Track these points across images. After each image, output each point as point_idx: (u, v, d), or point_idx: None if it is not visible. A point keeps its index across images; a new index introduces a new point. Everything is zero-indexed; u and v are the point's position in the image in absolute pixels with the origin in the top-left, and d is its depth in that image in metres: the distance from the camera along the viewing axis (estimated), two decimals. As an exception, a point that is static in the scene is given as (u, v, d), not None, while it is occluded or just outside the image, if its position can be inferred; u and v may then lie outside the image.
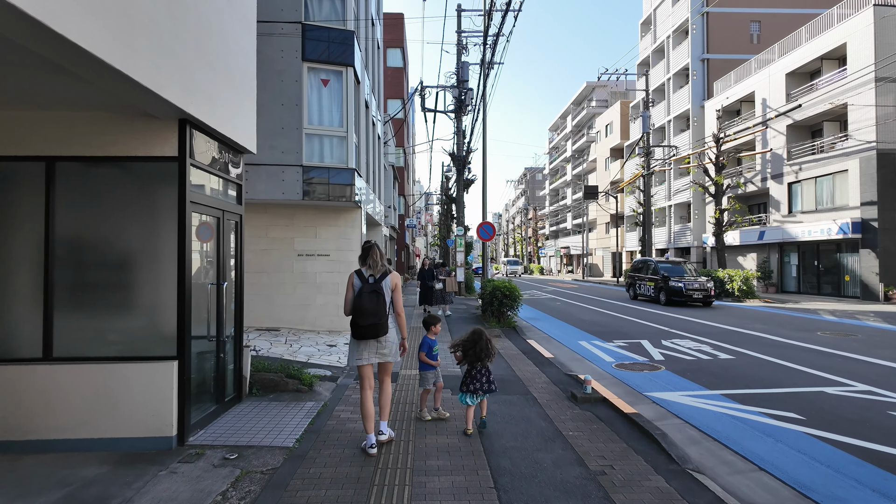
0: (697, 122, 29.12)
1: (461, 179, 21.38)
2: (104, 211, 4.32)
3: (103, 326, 4.24)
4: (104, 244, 4.33)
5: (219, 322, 5.00)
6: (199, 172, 4.64)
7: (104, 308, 4.26)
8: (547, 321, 13.06)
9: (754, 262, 24.00)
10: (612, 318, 13.46)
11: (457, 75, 20.62)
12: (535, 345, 9.28)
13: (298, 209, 10.05)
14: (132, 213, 4.33)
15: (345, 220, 10.32)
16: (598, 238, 44.62)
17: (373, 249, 4.21)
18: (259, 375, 5.91)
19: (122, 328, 4.26)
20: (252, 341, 8.29)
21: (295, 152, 9.17)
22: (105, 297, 4.28)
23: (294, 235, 10.04)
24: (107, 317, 4.25)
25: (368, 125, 12.35)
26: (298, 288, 10.00)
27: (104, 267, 4.32)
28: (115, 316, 4.26)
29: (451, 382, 6.24)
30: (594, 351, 8.89)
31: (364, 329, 4.02)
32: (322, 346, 8.47)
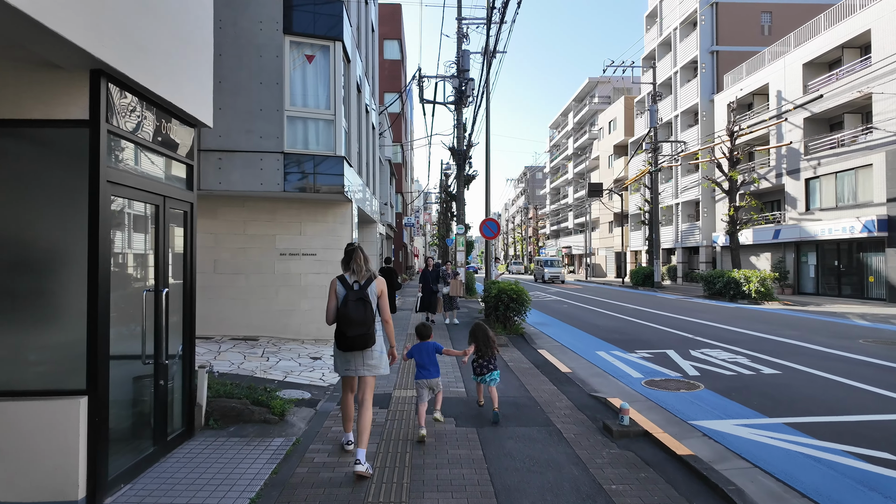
0: (706, 116, 28.05)
1: (461, 175, 20.28)
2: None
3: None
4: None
5: (158, 339, 3.88)
6: (126, 145, 3.53)
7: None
8: (557, 327, 11.96)
9: (768, 263, 22.94)
10: (629, 324, 12.37)
11: (457, 64, 19.52)
12: (548, 356, 8.18)
13: (280, 203, 8.94)
14: (30, 197, 3.22)
15: (334, 216, 9.21)
16: (601, 237, 43.56)
17: (356, 253, 3.83)
18: (218, 402, 4.79)
19: (9, 353, 3.15)
20: (222, 355, 7.17)
21: (275, 137, 8.06)
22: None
23: (276, 232, 8.92)
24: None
25: (361, 112, 11.24)
26: (281, 291, 8.88)
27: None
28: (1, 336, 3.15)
29: (452, 406, 5.14)
30: (617, 364, 7.80)
31: (352, 340, 3.62)
32: (304, 358, 7.35)
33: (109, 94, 3.27)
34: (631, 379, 6.84)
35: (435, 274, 11.40)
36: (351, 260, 3.80)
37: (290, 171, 8.07)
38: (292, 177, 8.08)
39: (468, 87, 19.16)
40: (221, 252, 8.69)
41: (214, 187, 7.92)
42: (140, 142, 3.63)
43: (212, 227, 8.68)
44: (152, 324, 3.85)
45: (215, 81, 8.01)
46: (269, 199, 8.86)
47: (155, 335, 3.86)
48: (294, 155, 8.11)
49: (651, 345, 9.35)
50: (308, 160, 8.18)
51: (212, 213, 8.68)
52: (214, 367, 6.42)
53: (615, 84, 46.63)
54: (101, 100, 3.20)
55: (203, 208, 8.65)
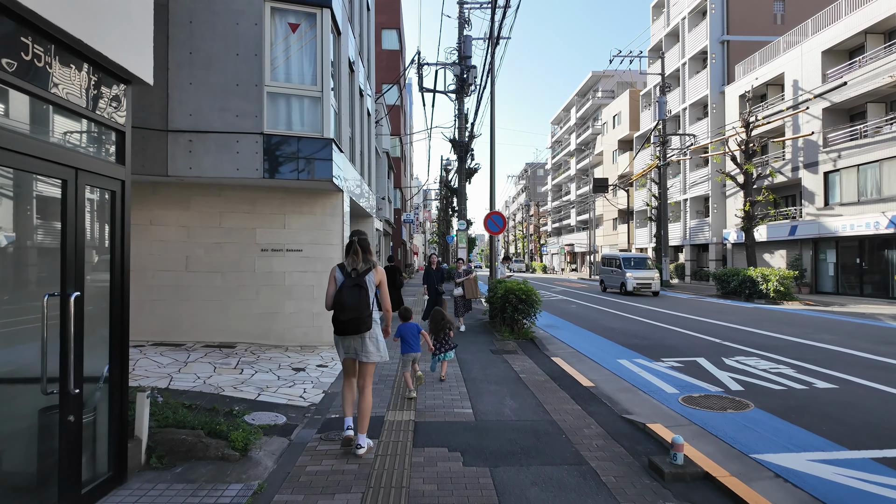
0: (717, 108, 27.04)
1: (463, 168, 19.24)
2: None
3: None
4: None
5: (64, 360, 2.89)
6: (9, 92, 2.54)
7: None
8: (568, 330, 10.97)
9: (783, 260, 21.96)
10: (646, 327, 11.38)
11: (458, 51, 18.48)
12: (564, 366, 7.20)
13: (261, 192, 7.94)
14: None
15: (322, 207, 8.22)
16: (605, 235, 42.57)
17: (353, 246, 3.93)
18: (165, 435, 3.81)
19: None
20: (188, 366, 6.18)
21: (253, 116, 7.07)
22: None
23: (256, 225, 7.93)
24: None
25: (354, 94, 10.24)
26: (262, 292, 7.89)
27: None
28: None
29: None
30: (643, 375, 6.81)
31: (344, 324, 3.76)
32: (285, 370, 6.37)
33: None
34: (665, 395, 5.86)
35: (439, 274, 10.28)
36: (350, 249, 3.93)
37: (271, 155, 7.08)
38: (273, 161, 7.09)
39: (470, 75, 18.12)
40: (194, 247, 7.70)
41: (184, 173, 6.93)
42: (32, 91, 2.63)
43: (183, 220, 7.68)
44: (58, 340, 2.86)
45: (185, 52, 7.05)
46: (248, 188, 7.86)
47: (61, 355, 2.87)
48: (275, 136, 7.12)
49: (677, 351, 8.36)
50: (291, 142, 7.18)
51: (183, 203, 7.68)
52: (175, 382, 5.44)
53: (619, 78, 45.57)
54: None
55: (173, 198, 7.65)
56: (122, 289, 3.43)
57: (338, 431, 4.32)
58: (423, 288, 10.33)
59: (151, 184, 7.53)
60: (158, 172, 6.88)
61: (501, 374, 6.63)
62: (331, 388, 5.73)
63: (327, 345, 8.05)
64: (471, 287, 9.96)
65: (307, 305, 8.03)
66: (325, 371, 6.42)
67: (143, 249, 7.53)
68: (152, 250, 7.58)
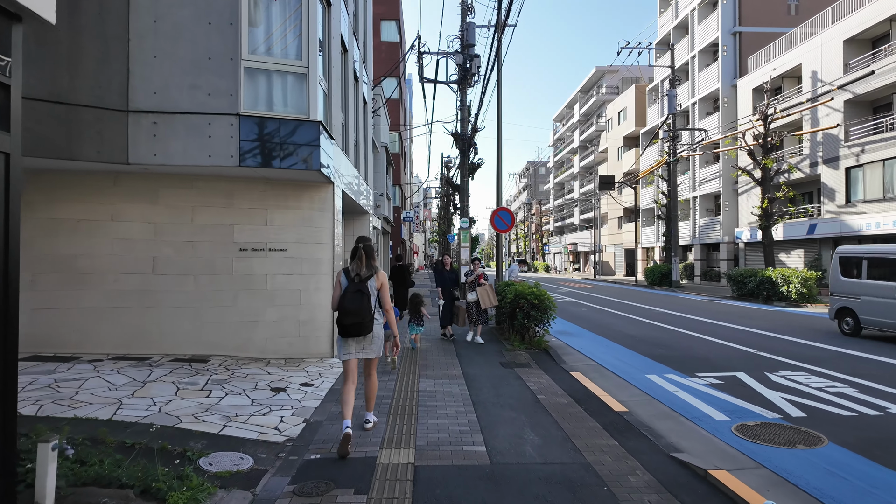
0: (728, 102, 26.05)
1: (465, 163, 18.25)
2: None
3: None
4: None
5: None
6: None
7: None
8: (583, 337, 10.01)
9: (800, 261, 20.99)
10: (667, 333, 10.43)
11: (461, 39, 17.46)
12: (586, 382, 6.25)
13: (240, 183, 6.98)
14: None
15: (310, 201, 7.26)
16: (609, 234, 41.61)
17: (359, 252, 4.12)
18: (81, 497, 2.85)
19: None
20: (146, 387, 5.20)
21: (228, 95, 6.11)
22: None
23: (234, 221, 6.96)
24: None
25: (348, 77, 9.28)
26: (240, 297, 6.93)
27: None
28: None
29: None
30: (680, 395, 5.86)
31: (347, 328, 3.98)
32: (262, 390, 5.40)
33: None
34: (713, 422, 4.90)
35: (454, 276, 9.19)
36: (355, 255, 4.12)
37: (249, 140, 6.11)
38: (251, 147, 6.12)
39: (473, 65, 17.11)
40: (163, 247, 6.74)
41: (148, 161, 5.97)
42: None
43: (150, 215, 6.72)
44: None
45: (148, 20, 6.05)
46: (224, 179, 6.89)
47: None
48: (254, 118, 6.15)
49: (711, 364, 7.40)
50: (272, 126, 6.22)
51: (149, 196, 6.71)
52: (123, 411, 4.47)
53: (624, 74, 44.59)
54: None
55: (137, 190, 6.68)
56: (7, 293, 2.46)
57: (317, 481, 3.38)
58: (437, 291, 9.27)
59: (112, 174, 6.56)
60: (117, 160, 5.91)
61: (516, 394, 5.67)
62: (314, 415, 4.77)
63: (315, 357, 7.10)
64: (486, 295, 8.53)
65: (292, 312, 7.08)
66: (309, 392, 5.46)
67: (102, 249, 6.57)
68: (114, 250, 6.61)
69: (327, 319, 7.23)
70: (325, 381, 5.97)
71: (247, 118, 6.12)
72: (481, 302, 8.53)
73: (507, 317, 8.76)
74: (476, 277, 8.68)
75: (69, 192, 6.52)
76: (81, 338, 6.47)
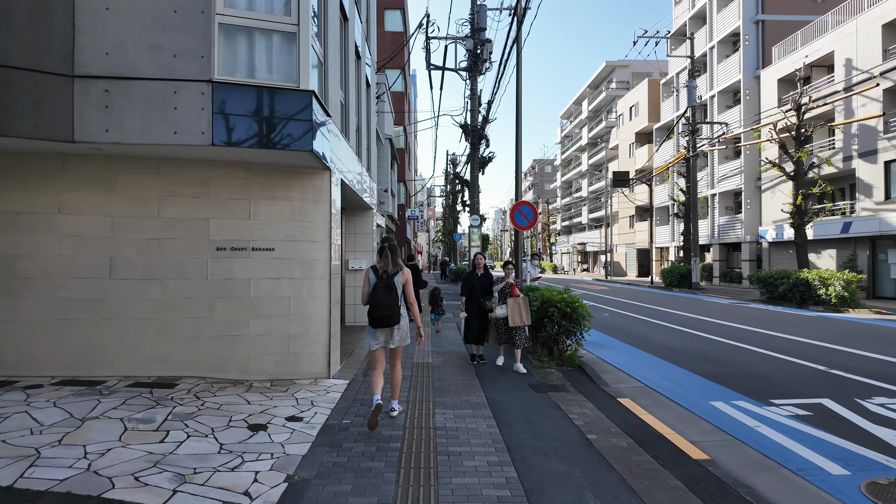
0: (750, 95, 24.73)
1: (476, 156, 17.05)
2: None
3: None
4: None
5: None
6: None
7: None
8: (617, 349, 8.78)
9: (832, 261, 19.67)
10: (712, 345, 9.19)
11: (471, 23, 16.29)
12: (641, 413, 5.05)
13: (216, 169, 5.78)
14: None
15: (302, 191, 6.07)
16: (620, 233, 40.29)
17: (385, 251, 4.49)
18: None
19: None
20: (81, 429, 4.00)
21: (198, 57, 4.92)
22: None
23: (210, 215, 5.77)
24: None
25: (348, 49, 8.08)
26: (218, 307, 5.74)
27: None
28: None
29: None
30: (765, 431, 4.64)
31: (378, 319, 4.36)
32: (237, 428, 4.21)
33: None
34: (831, 479, 3.68)
35: (487, 282, 7.14)
36: (381, 255, 4.50)
37: (224, 113, 4.92)
38: (227, 123, 4.93)
39: (485, 50, 15.94)
40: (122, 245, 5.55)
41: (99, 138, 4.79)
42: None
43: (107, 206, 5.53)
44: None
45: (99, -36, 4.91)
46: (197, 163, 5.70)
47: None
48: (230, 87, 4.97)
49: (782, 387, 6.17)
50: (254, 96, 5.02)
51: (106, 183, 5.53)
52: (35, 471, 3.28)
53: (635, 68, 43.33)
54: None
55: (91, 176, 5.50)
56: None
57: None
58: (460, 302, 7.36)
59: (59, 156, 5.39)
60: (60, 137, 4.74)
61: (560, 433, 4.45)
62: (300, 468, 3.57)
63: (307, 377, 5.91)
64: (518, 310, 6.66)
65: (281, 325, 5.88)
66: (296, 431, 4.26)
67: (47, 248, 5.40)
68: (62, 249, 5.43)
69: (322, 332, 6.04)
70: (319, 412, 4.78)
71: (222, 86, 4.93)
72: (510, 318, 6.67)
73: (533, 328, 7.55)
74: (508, 287, 6.84)
75: (4, 179, 5.34)
76: (19, 357, 5.30)
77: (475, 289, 7.08)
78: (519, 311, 6.70)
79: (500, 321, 6.95)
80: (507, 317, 6.72)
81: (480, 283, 7.10)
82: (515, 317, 6.68)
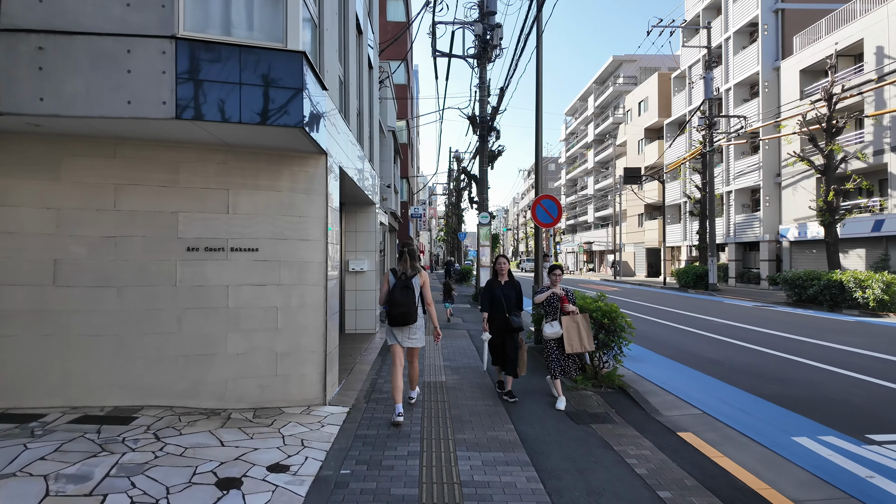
0: (769, 87, 23.64)
1: (485, 149, 16.02)
2: None
3: None
4: None
5: None
6: None
7: None
8: (655, 363, 7.72)
9: (862, 261, 18.61)
10: (762, 357, 8.14)
11: (480, 6, 15.25)
12: (713, 455, 4.05)
13: (187, 151, 4.74)
14: None
15: (293, 180, 5.03)
16: (628, 232, 39.21)
17: (405, 255, 4.78)
18: None
19: None
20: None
21: (158, 7, 3.90)
22: None
23: (179, 208, 4.73)
24: None
25: (348, 19, 7.04)
26: (188, 319, 4.70)
27: None
28: None
29: None
30: (883, 484, 3.60)
31: (396, 317, 4.64)
32: (200, 487, 3.17)
33: None
34: None
35: (514, 293, 5.44)
36: (401, 258, 4.80)
37: (192, 79, 3.89)
38: (196, 90, 3.90)
39: (494, 35, 14.89)
40: (70, 244, 4.52)
41: (32, 108, 3.76)
42: None
43: (50, 196, 4.50)
44: None
45: None
46: (164, 145, 4.66)
47: None
48: (199, 45, 3.93)
49: (874, 417, 5.12)
50: (229, 57, 3.99)
51: (48, 167, 4.49)
52: None
53: (642, 63, 42.19)
54: None
55: (30, 158, 4.47)
56: None
57: None
58: (483, 320, 5.51)
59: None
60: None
61: (621, 489, 3.42)
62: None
63: (298, 405, 4.89)
64: (577, 331, 5.18)
65: (265, 340, 4.86)
66: (280, 488, 3.23)
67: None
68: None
69: (317, 348, 5.02)
70: (310, 456, 3.75)
71: (189, 44, 3.90)
72: (567, 342, 5.12)
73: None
74: (557, 299, 5.31)
75: (-79, 162, 4.31)
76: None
77: (499, 302, 5.35)
78: (578, 332, 5.16)
79: (552, 344, 5.29)
80: (562, 339, 5.19)
81: (505, 293, 5.40)
82: (573, 340, 5.14)
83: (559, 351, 5.29)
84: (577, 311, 5.28)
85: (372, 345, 8.41)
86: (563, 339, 5.19)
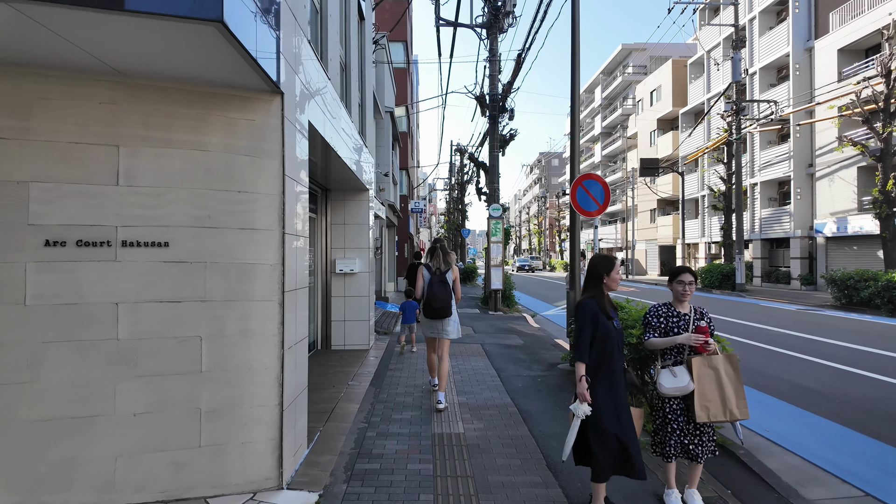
0: (800, 70, 21.76)
1: (495, 132, 14.16)
2: None
3: None
4: None
5: None
6: None
7: None
8: (750, 402, 5.88)
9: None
10: (879, 388, 6.31)
11: (491, -32, 13.38)
12: None
13: (47, 82, 2.87)
14: None
15: (229, 132, 3.17)
16: (640, 228, 37.34)
17: (437, 251, 5.07)
18: None
19: None
20: None
21: None
22: None
23: (31, 175, 2.87)
24: None
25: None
26: (48, 357, 2.84)
27: None
28: None
29: None
30: None
31: (436, 311, 4.91)
32: None
33: None
34: None
35: (616, 326, 2.92)
36: (433, 255, 5.07)
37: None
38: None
39: (508, 1, 13.03)
40: None
41: None
42: None
43: None
44: None
45: None
46: (6, 68, 2.79)
47: None
48: None
49: None
50: None
51: None
52: None
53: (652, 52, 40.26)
54: None
55: None
56: None
57: None
58: (577, 377, 2.82)
59: None
60: None
61: None
62: None
63: (238, 493, 3.05)
64: (718, 383, 2.95)
65: (183, 392, 3.02)
66: None
67: None
68: None
69: (269, 399, 3.19)
70: None
71: None
72: (699, 403, 2.93)
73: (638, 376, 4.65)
74: (699, 330, 3.03)
75: None
76: None
77: (611, 343, 2.82)
78: (720, 385, 2.96)
79: (674, 404, 3.08)
80: (690, 396, 2.98)
81: (616, 329, 2.89)
82: (711, 400, 2.94)
83: (684, 417, 3.06)
84: (717, 351, 3.08)
85: (363, 368, 6.56)
86: (696, 396, 2.94)
